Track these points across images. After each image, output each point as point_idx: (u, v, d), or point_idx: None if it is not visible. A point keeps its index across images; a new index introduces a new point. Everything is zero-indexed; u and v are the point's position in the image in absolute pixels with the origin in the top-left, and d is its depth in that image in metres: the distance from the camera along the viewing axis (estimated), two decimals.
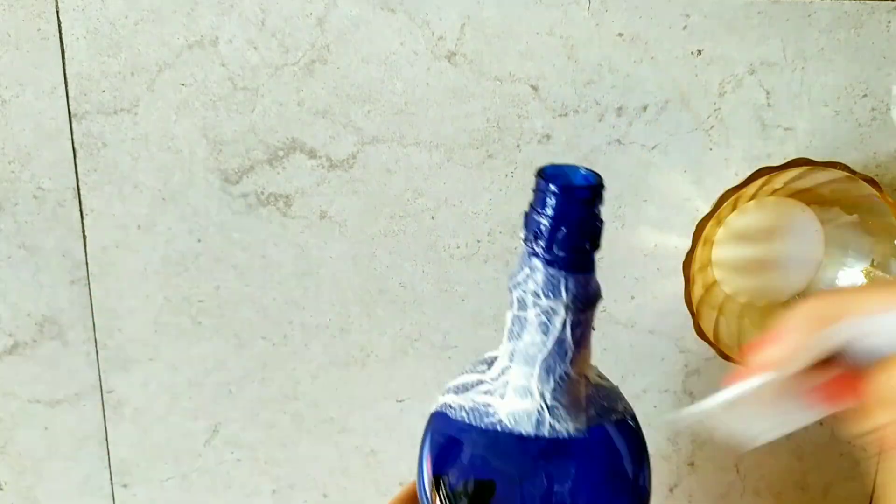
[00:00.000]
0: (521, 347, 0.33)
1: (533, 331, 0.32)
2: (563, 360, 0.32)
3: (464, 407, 0.34)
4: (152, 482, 0.58)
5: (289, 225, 0.52)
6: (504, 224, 0.52)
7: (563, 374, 0.32)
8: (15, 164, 0.50)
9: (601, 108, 0.50)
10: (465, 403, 0.35)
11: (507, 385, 0.33)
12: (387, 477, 0.59)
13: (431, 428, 0.36)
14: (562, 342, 0.32)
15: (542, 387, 0.32)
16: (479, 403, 0.34)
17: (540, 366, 0.32)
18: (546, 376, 0.32)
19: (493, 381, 0.34)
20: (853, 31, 0.48)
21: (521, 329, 0.32)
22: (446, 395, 0.36)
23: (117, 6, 0.47)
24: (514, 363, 0.33)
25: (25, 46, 0.48)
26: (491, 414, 0.34)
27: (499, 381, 0.34)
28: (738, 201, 0.49)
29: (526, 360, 0.33)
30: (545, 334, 0.32)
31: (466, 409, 0.34)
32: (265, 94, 0.49)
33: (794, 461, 0.58)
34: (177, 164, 0.50)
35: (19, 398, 0.56)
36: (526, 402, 0.33)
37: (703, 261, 0.50)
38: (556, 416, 0.33)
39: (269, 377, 0.55)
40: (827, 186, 0.48)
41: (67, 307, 0.53)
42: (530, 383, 0.33)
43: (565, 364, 0.32)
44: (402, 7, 0.47)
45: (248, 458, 0.58)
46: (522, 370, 0.33)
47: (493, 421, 0.33)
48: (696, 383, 0.56)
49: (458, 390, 0.36)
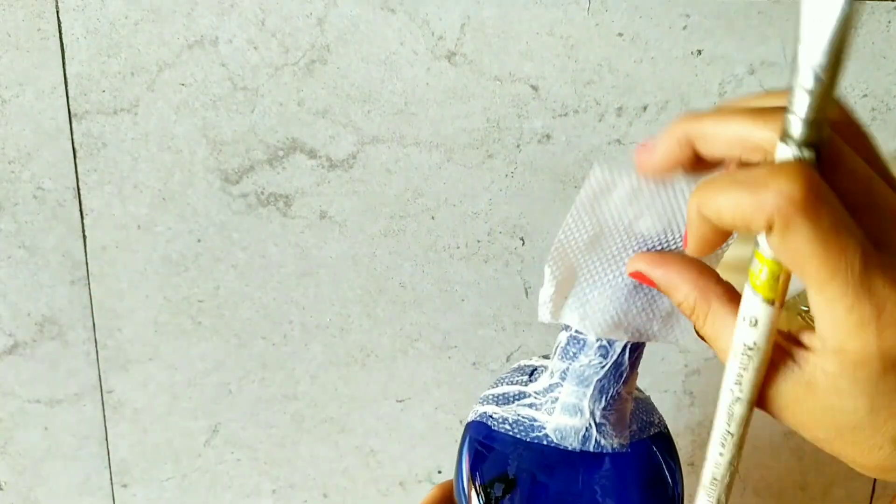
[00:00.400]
0: (575, 367, 0.33)
1: (591, 353, 0.32)
2: (618, 382, 0.33)
3: (507, 419, 0.35)
4: (152, 482, 0.58)
5: (289, 225, 0.52)
6: (504, 224, 0.52)
7: (615, 394, 0.33)
8: (15, 164, 0.50)
9: (601, 108, 0.50)
10: (508, 415, 0.35)
11: (555, 402, 0.34)
12: (387, 477, 0.59)
13: (471, 437, 0.36)
14: (619, 365, 0.32)
15: (593, 406, 0.33)
16: (524, 417, 0.35)
17: (594, 386, 0.33)
18: (599, 396, 0.33)
19: (537, 395, 0.35)
20: (853, 31, 0.48)
21: (578, 350, 0.33)
22: (485, 404, 0.36)
23: (117, 6, 0.47)
24: (567, 382, 0.33)
25: (25, 46, 0.48)
26: (537, 428, 0.34)
27: (546, 396, 0.34)
28: None
29: (580, 380, 0.33)
30: (604, 357, 0.32)
31: (510, 421, 0.35)
32: (265, 94, 0.49)
33: (794, 461, 0.58)
34: (177, 164, 0.50)
35: (19, 398, 0.56)
36: (575, 419, 0.33)
37: None
38: (602, 432, 0.33)
39: (269, 377, 0.55)
40: None
41: (67, 307, 0.53)
42: (582, 402, 0.33)
43: (619, 385, 0.33)
44: (402, 7, 0.47)
45: (248, 458, 0.58)
46: (574, 389, 0.33)
47: (539, 435, 0.34)
48: (696, 383, 0.56)
49: (499, 401, 0.36)
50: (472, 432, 0.36)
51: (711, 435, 0.26)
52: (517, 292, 0.54)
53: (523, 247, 0.53)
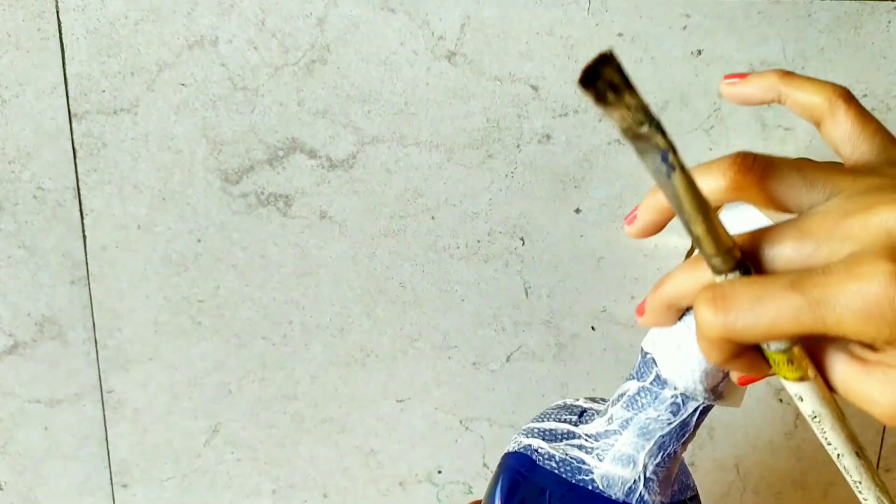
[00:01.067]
0: (640, 419, 0.32)
1: (662, 408, 0.32)
2: (678, 441, 0.33)
3: (554, 456, 0.34)
4: (152, 482, 0.58)
5: (289, 225, 0.52)
6: (504, 224, 0.52)
7: (672, 452, 0.33)
8: (15, 164, 0.50)
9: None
10: (555, 453, 0.34)
11: (609, 448, 0.33)
12: (387, 477, 0.59)
13: (513, 468, 0.35)
14: (685, 425, 0.32)
15: (648, 460, 0.33)
16: (572, 457, 0.34)
17: (655, 441, 0.32)
18: (657, 451, 0.33)
19: (589, 438, 0.34)
20: (853, 31, 0.48)
21: (648, 402, 0.32)
22: (529, 437, 0.36)
23: (117, 6, 0.47)
24: (627, 432, 0.33)
25: (25, 46, 0.48)
26: (584, 472, 0.33)
27: (599, 441, 0.34)
28: None
29: (642, 433, 0.32)
30: (674, 414, 0.32)
31: (556, 459, 0.34)
32: (265, 94, 0.49)
33: (794, 461, 0.58)
34: (177, 164, 0.50)
35: (19, 398, 0.56)
36: (626, 470, 0.33)
37: None
38: (649, 488, 0.33)
39: (269, 377, 0.55)
40: None
41: (67, 307, 0.53)
42: (638, 455, 0.33)
43: (678, 444, 0.33)
44: (402, 7, 0.47)
45: (248, 458, 0.58)
46: (634, 441, 0.33)
47: (586, 479, 0.33)
48: None
49: (545, 436, 0.35)
50: (514, 462, 0.35)
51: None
52: (517, 292, 0.54)
53: (523, 247, 0.53)
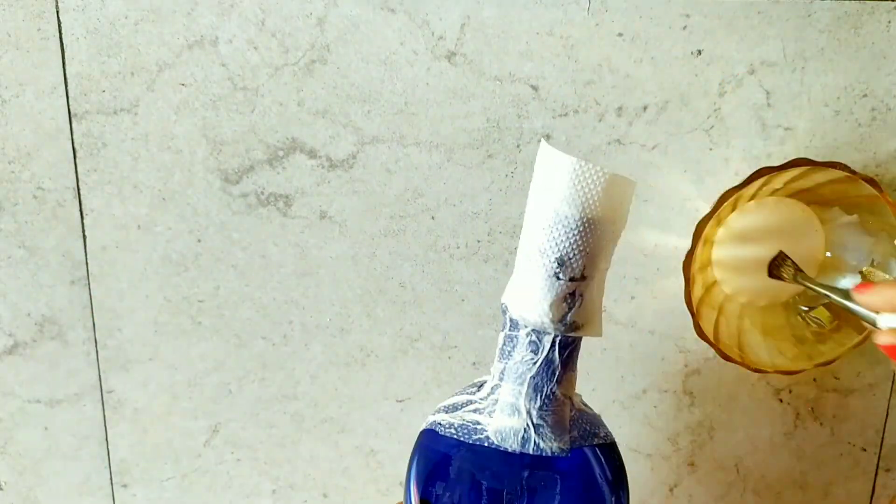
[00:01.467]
0: (511, 366, 0.34)
1: (524, 350, 0.34)
2: (551, 380, 0.34)
3: (453, 424, 0.36)
4: (152, 482, 0.58)
5: (289, 225, 0.52)
6: (504, 224, 0.52)
7: (549, 393, 0.34)
8: (15, 164, 0.50)
9: (601, 108, 0.50)
10: (454, 421, 0.36)
11: (496, 403, 0.35)
12: (387, 477, 0.59)
13: (420, 444, 0.37)
14: (550, 362, 0.34)
15: (529, 405, 0.34)
16: (468, 421, 0.36)
17: (528, 383, 0.34)
18: (534, 394, 0.34)
19: (482, 400, 0.36)
20: (853, 31, 0.48)
21: (512, 347, 0.34)
22: (436, 414, 0.38)
23: (117, 6, 0.47)
24: (504, 381, 0.35)
25: (25, 46, 0.48)
26: (479, 431, 0.35)
27: (488, 399, 0.35)
28: (738, 201, 0.49)
29: (515, 377, 0.34)
30: (534, 353, 0.34)
31: (455, 426, 0.36)
32: (265, 94, 0.49)
33: (794, 461, 0.58)
34: (177, 164, 0.50)
35: (19, 398, 0.56)
36: (513, 419, 0.34)
37: (703, 261, 0.50)
38: (541, 434, 0.34)
39: (269, 377, 0.55)
40: (827, 186, 0.48)
41: (67, 307, 0.53)
42: (518, 401, 0.34)
43: (552, 383, 0.34)
44: (402, 7, 0.47)
45: (248, 458, 0.58)
46: (512, 388, 0.34)
47: (481, 437, 0.35)
48: (696, 383, 0.56)
49: (448, 409, 0.37)
50: (423, 439, 0.37)
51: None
52: None
53: None
